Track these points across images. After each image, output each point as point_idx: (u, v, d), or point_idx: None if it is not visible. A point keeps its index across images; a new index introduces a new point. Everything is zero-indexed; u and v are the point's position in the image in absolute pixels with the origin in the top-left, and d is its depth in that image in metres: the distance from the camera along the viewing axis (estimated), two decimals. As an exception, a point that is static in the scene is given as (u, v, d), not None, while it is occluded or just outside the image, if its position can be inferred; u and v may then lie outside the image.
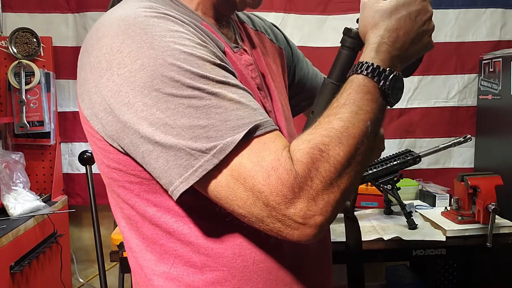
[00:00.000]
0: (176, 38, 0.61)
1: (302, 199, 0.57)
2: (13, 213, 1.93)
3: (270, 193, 0.57)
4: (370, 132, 0.62)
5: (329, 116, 0.62)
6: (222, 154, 0.57)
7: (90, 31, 0.69)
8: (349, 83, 0.66)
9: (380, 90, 0.65)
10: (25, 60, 2.19)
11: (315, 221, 0.58)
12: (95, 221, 1.78)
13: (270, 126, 0.61)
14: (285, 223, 0.58)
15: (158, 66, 0.58)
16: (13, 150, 2.25)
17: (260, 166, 0.57)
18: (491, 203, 1.67)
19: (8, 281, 1.70)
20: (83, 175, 2.27)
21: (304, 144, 0.59)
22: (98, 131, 0.66)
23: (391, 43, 0.68)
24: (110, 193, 0.75)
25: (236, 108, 0.59)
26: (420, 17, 0.71)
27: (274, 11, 2.38)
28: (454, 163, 2.47)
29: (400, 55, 0.69)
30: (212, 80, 0.60)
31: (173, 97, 0.58)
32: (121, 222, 0.74)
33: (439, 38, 2.41)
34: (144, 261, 0.72)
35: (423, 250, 1.74)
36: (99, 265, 1.81)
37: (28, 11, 2.35)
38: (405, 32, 0.69)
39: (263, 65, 0.86)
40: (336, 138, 0.59)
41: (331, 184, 0.58)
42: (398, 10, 0.70)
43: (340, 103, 0.63)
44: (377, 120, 0.64)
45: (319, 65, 2.65)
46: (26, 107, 2.18)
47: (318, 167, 0.58)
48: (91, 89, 0.64)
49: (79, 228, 2.52)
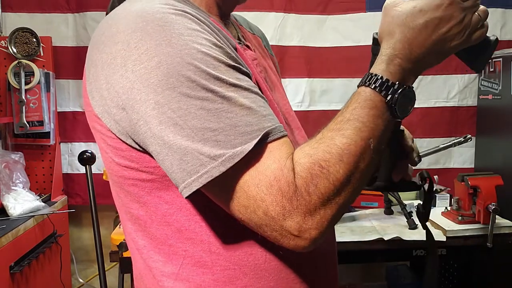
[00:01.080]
0: (193, 36, 0.61)
1: (299, 213, 0.58)
2: (12, 213, 1.93)
3: (270, 203, 0.58)
4: (372, 149, 0.62)
5: (332, 131, 0.62)
6: (230, 162, 0.57)
7: (100, 28, 0.68)
8: (356, 95, 0.65)
9: (387, 105, 0.63)
10: (25, 60, 2.19)
11: (310, 235, 0.59)
12: (95, 221, 1.78)
13: (278, 132, 0.61)
14: (281, 233, 0.60)
15: (176, 65, 0.58)
16: (12, 150, 2.25)
17: (264, 175, 0.58)
18: (491, 203, 1.67)
19: (8, 281, 1.70)
20: (83, 175, 2.27)
21: (306, 158, 0.60)
22: (110, 128, 0.65)
23: (403, 56, 0.65)
24: (117, 193, 0.74)
25: (246, 114, 0.59)
26: (442, 25, 0.64)
27: (274, 11, 2.38)
28: (454, 163, 2.47)
29: (413, 68, 0.66)
30: (226, 82, 0.60)
31: (186, 97, 0.58)
32: (128, 224, 0.74)
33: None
34: (152, 263, 0.71)
35: (423, 250, 1.74)
36: (99, 265, 1.80)
37: (28, 11, 2.35)
38: (420, 43, 0.64)
39: (263, 63, 0.87)
40: (337, 156, 0.59)
41: (329, 200, 0.59)
42: (415, 17, 0.64)
43: (344, 118, 0.62)
44: (381, 136, 0.63)
45: (319, 64, 2.66)
46: (25, 107, 2.18)
47: (317, 183, 0.58)
48: (103, 86, 0.63)
49: (79, 228, 2.52)
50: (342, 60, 2.41)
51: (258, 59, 0.83)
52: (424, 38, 0.64)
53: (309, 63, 2.41)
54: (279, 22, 2.38)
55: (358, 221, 1.94)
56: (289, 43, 2.40)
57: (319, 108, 2.43)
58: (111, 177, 0.72)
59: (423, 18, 0.64)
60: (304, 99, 2.43)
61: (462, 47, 0.68)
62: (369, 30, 2.64)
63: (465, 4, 0.65)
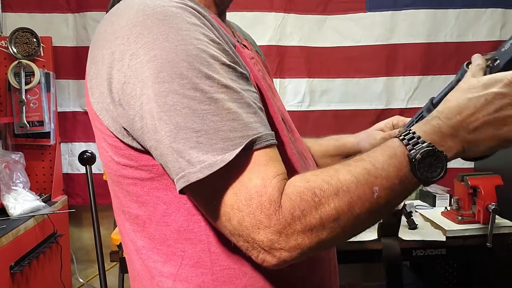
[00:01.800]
0: (192, 31, 0.60)
1: (275, 231, 0.56)
2: (13, 213, 1.93)
3: (247, 214, 0.57)
4: (375, 199, 0.58)
5: (342, 165, 0.60)
6: (209, 170, 0.56)
7: (102, 24, 0.67)
8: (383, 144, 0.63)
9: (408, 159, 0.59)
10: (25, 60, 2.19)
11: (279, 255, 0.58)
12: (95, 221, 1.78)
13: (264, 141, 0.59)
14: (253, 246, 0.58)
15: (170, 60, 0.58)
16: (13, 150, 2.25)
17: (246, 187, 0.57)
18: (491, 203, 1.67)
19: (8, 281, 1.70)
20: (83, 175, 2.27)
21: (302, 183, 0.58)
22: (108, 126, 0.65)
23: (445, 119, 0.62)
24: (116, 193, 0.73)
25: (232, 118, 0.58)
26: (502, 100, 0.61)
27: (274, 11, 2.38)
28: (454, 163, 2.40)
29: (457, 135, 0.61)
30: (217, 83, 0.59)
31: (174, 94, 0.57)
32: (126, 224, 0.73)
33: (439, 38, 2.41)
34: (151, 263, 0.71)
35: (423, 250, 1.74)
36: (99, 265, 1.80)
37: (28, 11, 2.35)
38: (472, 113, 0.61)
39: (260, 63, 0.86)
40: (334, 189, 0.57)
41: (310, 230, 0.57)
42: (477, 88, 0.62)
43: (360, 158, 0.61)
44: (391, 190, 0.59)
45: (319, 64, 2.66)
46: (26, 107, 2.18)
47: (304, 209, 0.57)
48: (101, 82, 0.63)
49: (79, 228, 2.52)
50: (342, 60, 2.41)
51: (255, 58, 0.83)
52: (475, 107, 0.61)
53: (309, 63, 2.41)
54: (279, 22, 2.38)
55: (358, 221, 1.94)
56: (289, 43, 2.40)
57: (319, 108, 2.43)
58: (110, 176, 0.72)
59: (483, 91, 0.62)
60: (304, 99, 2.43)
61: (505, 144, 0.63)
62: (369, 30, 2.66)
63: None
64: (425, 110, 0.82)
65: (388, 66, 2.42)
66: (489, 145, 0.63)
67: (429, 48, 2.41)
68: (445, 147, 0.61)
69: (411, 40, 2.41)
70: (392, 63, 2.42)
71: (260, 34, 2.36)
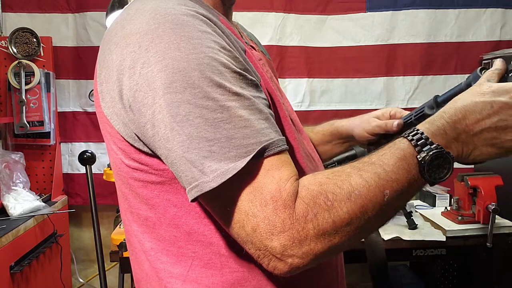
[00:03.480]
0: (203, 40, 0.60)
1: (289, 237, 0.56)
2: (13, 213, 1.93)
3: (262, 220, 0.56)
4: (386, 201, 0.59)
5: (353, 168, 0.60)
6: (222, 178, 0.56)
7: (113, 27, 0.67)
8: (391, 144, 0.62)
9: (417, 161, 0.60)
10: (25, 60, 2.19)
11: (292, 261, 0.57)
12: (95, 221, 1.78)
13: (276, 147, 0.59)
14: (264, 253, 0.58)
15: (182, 69, 0.58)
16: (13, 150, 2.26)
17: (260, 193, 0.57)
18: (491, 203, 1.67)
19: (8, 281, 1.70)
20: (83, 175, 2.28)
21: (315, 186, 0.58)
22: (119, 131, 0.65)
23: (450, 121, 0.62)
24: (125, 195, 0.73)
25: (244, 125, 0.58)
26: (507, 111, 0.61)
27: (274, 11, 2.38)
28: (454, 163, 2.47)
29: (458, 139, 0.62)
30: (228, 91, 0.59)
31: (186, 104, 0.57)
32: (133, 225, 0.73)
33: (439, 38, 2.41)
34: (160, 264, 0.70)
35: (423, 250, 1.75)
36: (99, 265, 1.80)
37: (28, 11, 2.35)
38: (476, 119, 0.62)
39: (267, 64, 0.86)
40: (346, 193, 0.57)
41: (323, 235, 0.57)
42: (486, 94, 0.63)
43: (370, 160, 0.61)
44: (400, 192, 0.60)
45: (319, 65, 2.66)
46: (26, 107, 2.18)
47: (317, 213, 0.56)
48: (112, 87, 0.63)
49: (79, 228, 2.52)
50: (342, 60, 2.41)
51: (263, 59, 0.83)
52: (480, 113, 0.62)
53: (309, 63, 2.41)
54: (279, 22, 2.38)
55: (358, 221, 1.94)
56: (289, 43, 2.40)
57: (319, 108, 2.43)
58: (120, 178, 0.71)
59: (491, 98, 0.62)
60: (304, 99, 2.43)
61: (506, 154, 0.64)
62: (369, 30, 2.66)
63: None
64: (427, 106, 0.82)
65: (388, 66, 2.42)
66: (488, 152, 0.63)
67: (429, 48, 2.41)
68: (450, 149, 0.62)
69: (411, 40, 2.41)
70: (392, 63, 2.42)
71: (260, 34, 2.36)
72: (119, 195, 0.75)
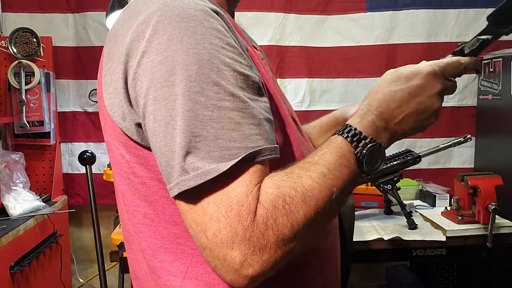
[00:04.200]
0: (206, 36, 0.60)
1: (250, 245, 0.55)
2: (13, 213, 1.93)
3: (224, 226, 0.55)
4: (333, 199, 0.60)
5: (301, 169, 0.61)
6: (202, 179, 0.56)
7: (120, 20, 0.67)
8: (328, 142, 0.65)
9: (356, 157, 0.63)
10: (25, 60, 2.19)
11: (251, 271, 0.56)
12: (95, 221, 1.78)
13: (260, 156, 0.59)
14: (222, 263, 0.56)
15: (181, 63, 0.58)
16: (13, 150, 2.26)
17: (228, 197, 0.56)
18: (491, 203, 1.67)
19: (8, 281, 1.70)
20: (83, 175, 2.27)
21: (273, 189, 0.58)
22: (118, 123, 0.65)
23: (377, 113, 0.67)
24: (122, 192, 0.73)
25: (232, 128, 0.57)
26: (422, 93, 0.69)
27: (274, 11, 2.38)
28: (454, 163, 2.48)
29: (386, 127, 0.68)
30: (224, 90, 0.58)
31: (181, 97, 0.57)
32: (131, 223, 0.73)
33: (439, 38, 2.41)
34: (158, 263, 0.70)
35: (423, 250, 1.74)
36: (99, 265, 1.81)
37: (28, 11, 2.35)
38: (398, 106, 0.68)
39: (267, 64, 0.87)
40: (301, 195, 0.58)
41: (283, 241, 0.56)
42: (399, 81, 0.69)
43: (313, 160, 0.62)
44: (345, 187, 0.62)
45: (319, 65, 2.66)
46: (26, 107, 2.18)
47: (277, 218, 0.56)
48: (117, 78, 0.63)
49: (79, 228, 2.52)
50: (342, 60, 2.41)
51: (264, 59, 0.84)
52: (403, 101, 0.68)
53: (309, 63, 2.41)
54: (279, 22, 2.38)
55: (358, 221, 1.94)
56: (289, 43, 2.40)
57: (319, 108, 2.43)
58: (121, 173, 0.71)
59: (406, 84, 0.69)
60: (304, 99, 2.43)
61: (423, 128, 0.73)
62: (369, 30, 2.66)
63: (446, 84, 0.72)
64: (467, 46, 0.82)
65: (388, 66, 2.42)
66: (412, 132, 0.71)
67: (429, 48, 2.41)
68: (382, 140, 0.67)
69: (411, 40, 2.41)
70: (392, 63, 2.42)
71: (260, 34, 2.36)
72: (117, 193, 0.75)
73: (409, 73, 0.70)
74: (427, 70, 0.70)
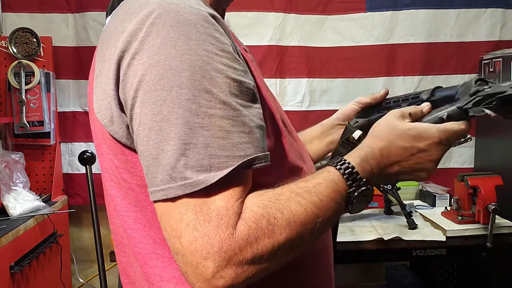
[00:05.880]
0: (200, 41, 0.59)
1: (224, 258, 0.55)
2: (13, 213, 1.93)
3: (201, 235, 0.55)
4: (316, 229, 0.62)
5: (292, 193, 0.62)
6: (189, 190, 0.56)
7: (112, 23, 0.66)
8: (324, 171, 0.66)
9: (347, 195, 0.66)
10: (25, 60, 2.19)
11: (223, 284, 0.56)
12: (95, 221, 1.78)
13: (250, 166, 0.59)
14: (193, 271, 0.56)
15: (173, 68, 0.57)
16: (13, 150, 2.25)
17: (207, 208, 0.56)
18: (491, 203, 1.67)
19: (8, 281, 1.70)
20: (83, 175, 2.27)
21: (260, 208, 0.58)
22: (105, 126, 0.64)
23: (376, 163, 0.70)
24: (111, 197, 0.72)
25: (222, 137, 0.57)
26: (423, 156, 0.71)
27: (274, 11, 2.38)
28: (454, 163, 2.47)
29: (379, 176, 0.71)
30: (215, 98, 0.57)
31: (170, 103, 0.56)
32: (121, 229, 0.72)
33: (439, 38, 2.41)
34: (149, 269, 0.70)
35: (423, 250, 1.74)
36: (99, 265, 1.81)
37: (28, 11, 2.35)
38: (397, 162, 0.71)
39: None
40: (287, 219, 0.59)
41: (259, 259, 0.57)
42: (406, 138, 0.71)
43: (307, 187, 0.63)
44: (328, 220, 0.64)
45: (319, 65, 2.66)
46: (26, 107, 2.18)
47: (258, 237, 0.56)
48: (107, 80, 0.62)
49: (79, 228, 2.52)
50: (342, 60, 2.41)
51: (255, 61, 0.83)
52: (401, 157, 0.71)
53: (309, 63, 2.41)
54: (279, 22, 2.38)
55: (358, 221, 1.94)
56: (289, 43, 2.40)
57: (319, 108, 2.43)
58: (111, 178, 0.70)
59: (411, 143, 0.71)
60: (304, 99, 2.43)
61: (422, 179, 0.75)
62: (369, 30, 2.66)
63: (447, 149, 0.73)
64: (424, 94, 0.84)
65: (388, 66, 2.42)
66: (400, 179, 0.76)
67: (429, 48, 2.41)
68: (371, 183, 0.69)
69: (411, 40, 2.41)
70: (392, 63, 2.42)
71: (260, 34, 2.36)
72: (108, 197, 0.74)
73: (417, 135, 0.71)
74: (435, 138, 0.71)
